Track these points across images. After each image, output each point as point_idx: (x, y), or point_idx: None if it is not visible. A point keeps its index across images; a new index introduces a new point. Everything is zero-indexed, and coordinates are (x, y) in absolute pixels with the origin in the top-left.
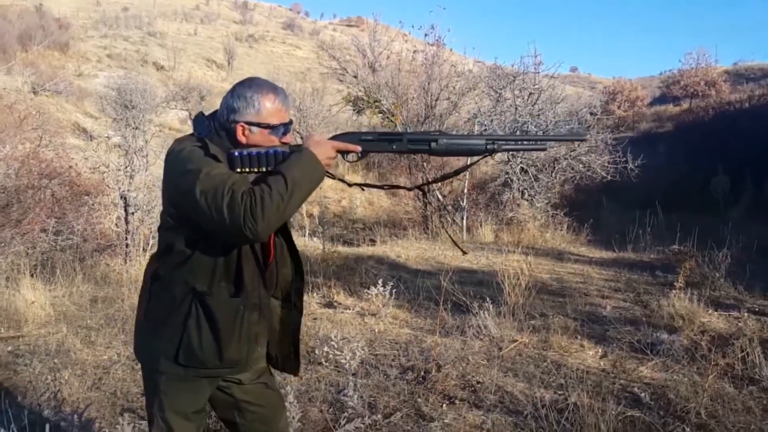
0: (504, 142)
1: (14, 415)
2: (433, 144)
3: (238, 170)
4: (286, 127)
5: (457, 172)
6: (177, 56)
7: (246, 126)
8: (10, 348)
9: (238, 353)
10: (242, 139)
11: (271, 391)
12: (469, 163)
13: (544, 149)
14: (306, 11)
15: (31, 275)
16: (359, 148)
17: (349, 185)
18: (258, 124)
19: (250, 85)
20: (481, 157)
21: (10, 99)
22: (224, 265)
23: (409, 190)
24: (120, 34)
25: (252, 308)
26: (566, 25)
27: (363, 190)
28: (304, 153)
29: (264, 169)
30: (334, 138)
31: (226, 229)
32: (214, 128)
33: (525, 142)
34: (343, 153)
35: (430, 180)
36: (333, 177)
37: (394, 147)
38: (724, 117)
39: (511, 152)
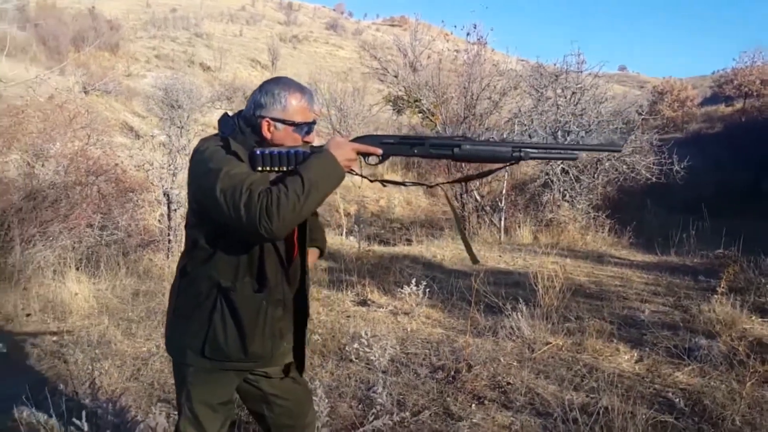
0: (531, 150)
1: (54, 403)
2: (456, 149)
3: (259, 168)
4: (310, 126)
5: (480, 175)
6: (223, 57)
7: (271, 122)
8: (55, 338)
9: (262, 348)
10: (267, 135)
11: (299, 386)
12: (496, 167)
13: (574, 158)
14: (350, 11)
15: (77, 269)
16: (380, 151)
17: (371, 181)
18: (283, 121)
19: (277, 82)
20: (506, 164)
21: (62, 98)
22: (247, 261)
23: (430, 187)
24: (168, 35)
25: (276, 304)
26: (616, 24)
27: (384, 185)
28: (323, 154)
29: (285, 169)
30: (356, 140)
31: (243, 227)
32: (239, 126)
33: (554, 151)
34: (364, 155)
35: (448, 180)
36: (355, 174)
37: (416, 151)
38: None
39: (539, 160)
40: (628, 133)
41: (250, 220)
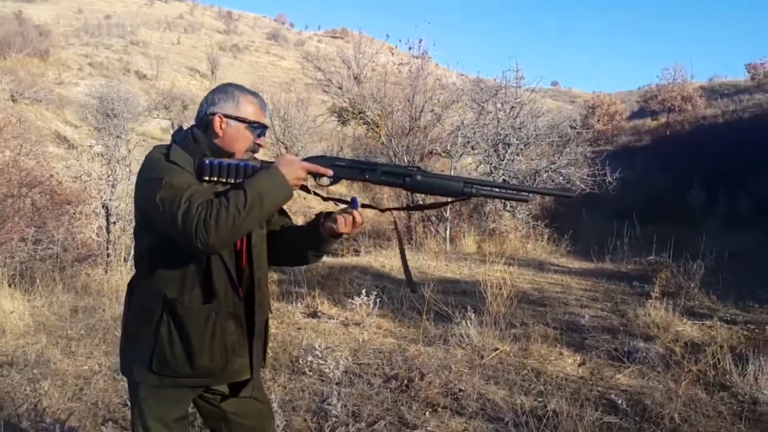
0: (482, 187)
1: None
2: (407, 179)
3: (206, 179)
4: (263, 128)
5: (431, 206)
6: (160, 65)
7: (224, 118)
8: None
9: (211, 362)
10: (219, 131)
11: (261, 404)
12: (444, 200)
13: (525, 200)
14: (291, 22)
15: (10, 285)
16: (330, 172)
17: (324, 199)
18: (236, 118)
19: (231, 83)
20: (456, 199)
21: None
22: (194, 272)
23: (381, 211)
24: (102, 42)
25: (226, 317)
26: (548, 40)
27: (337, 205)
28: (271, 170)
29: (232, 181)
30: (308, 160)
31: (179, 239)
32: (191, 135)
33: (506, 190)
34: (315, 176)
35: (400, 207)
36: (308, 191)
37: (367, 176)
38: (699, 131)
39: (488, 197)
40: (563, 146)
41: (186, 231)
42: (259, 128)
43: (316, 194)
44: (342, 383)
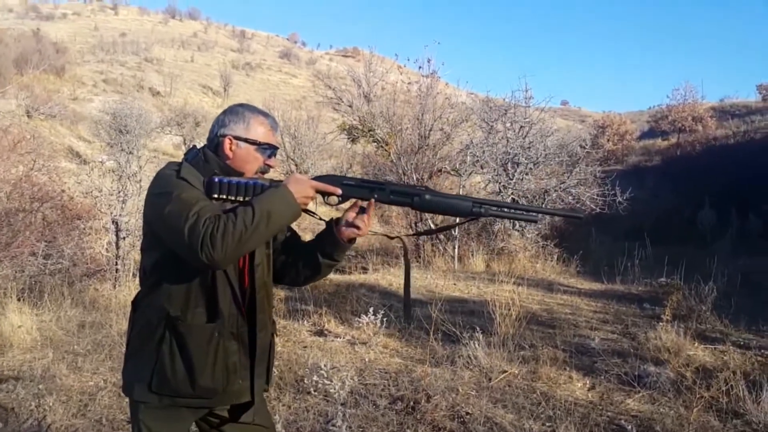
0: (491, 207)
1: None
2: (416, 198)
3: (215, 196)
4: (273, 149)
5: (441, 229)
6: (173, 82)
7: (234, 140)
8: None
9: (212, 382)
10: (228, 153)
11: (264, 429)
12: (454, 222)
13: (534, 221)
14: (303, 41)
15: (18, 299)
16: (339, 191)
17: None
18: (246, 140)
19: (242, 104)
20: (465, 220)
21: (5, 122)
22: (198, 290)
23: (391, 238)
24: (117, 59)
25: (229, 337)
26: (559, 59)
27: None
28: (280, 189)
29: (241, 199)
30: (317, 179)
31: (185, 253)
32: (202, 154)
33: (515, 211)
34: (323, 194)
35: (410, 233)
36: (312, 214)
37: (376, 196)
38: (710, 152)
39: (496, 217)
40: (572, 166)
41: (192, 245)
42: (269, 149)
43: (320, 219)
44: (347, 404)
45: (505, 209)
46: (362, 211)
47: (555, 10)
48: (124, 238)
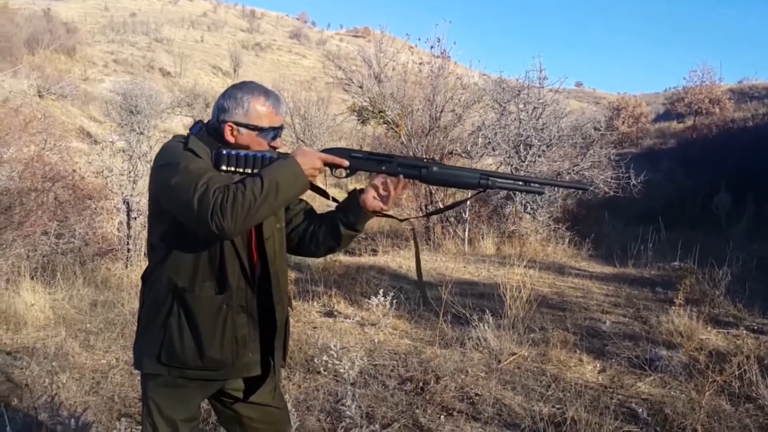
0: (498, 179)
1: (10, 418)
2: (423, 170)
3: (224, 168)
4: (276, 131)
5: (450, 207)
6: (183, 63)
7: (234, 126)
8: (8, 350)
9: (221, 354)
10: (230, 139)
11: (278, 409)
12: (463, 198)
13: (541, 192)
14: (313, 21)
15: (32, 278)
16: (346, 163)
17: (340, 204)
18: (246, 125)
19: (242, 86)
20: (474, 193)
21: (16, 102)
22: (206, 263)
23: (401, 221)
24: (127, 39)
25: (238, 309)
26: (572, 40)
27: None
28: (288, 160)
29: (249, 171)
30: (324, 151)
31: (194, 222)
32: (206, 129)
33: (522, 183)
34: (331, 167)
35: (419, 215)
36: (321, 192)
37: (384, 168)
38: (727, 135)
39: (508, 190)
40: (586, 148)
41: (201, 215)
42: (272, 132)
43: (324, 194)
44: (357, 384)
45: (512, 181)
46: (387, 185)
47: None
48: (135, 218)
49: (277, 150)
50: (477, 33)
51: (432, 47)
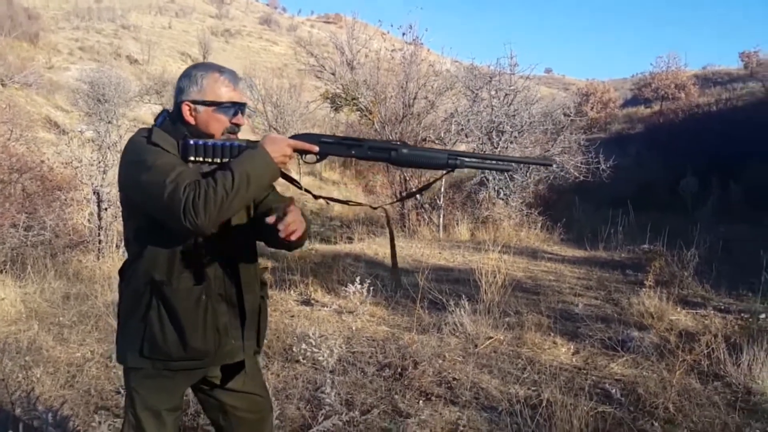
0: (466, 159)
1: None
2: (393, 153)
3: (192, 158)
4: (237, 107)
5: (422, 189)
6: (151, 50)
7: (191, 104)
8: None
9: (204, 343)
10: (190, 120)
11: (260, 398)
12: (432, 179)
13: (508, 170)
14: (283, 7)
15: (1, 271)
16: (316, 149)
17: (315, 197)
18: (203, 102)
19: (196, 65)
20: (444, 173)
21: None
22: (182, 254)
23: (374, 209)
24: (92, 26)
25: (217, 298)
26: (542, 27)
27: (328, 203)
28: (257, 150)
29: (218, 161)
30: (293, 137)
31: (168, 220)
32: (170, 117)
33: (489, 161)
34: (301, 153)
35: (392, 201)
36: (291, 181)
37: (354, 152)
38: (693, 120)
39: (476, 169)
40: (557, 134)
41: (174, 212)
42: (231, 108)
43: (308, 192)
44: (336, 371)
45: (479, 160)
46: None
47: None
48: (106, 209)
49: (247, 140)
50: (448, 21)
51: (404, 34)
